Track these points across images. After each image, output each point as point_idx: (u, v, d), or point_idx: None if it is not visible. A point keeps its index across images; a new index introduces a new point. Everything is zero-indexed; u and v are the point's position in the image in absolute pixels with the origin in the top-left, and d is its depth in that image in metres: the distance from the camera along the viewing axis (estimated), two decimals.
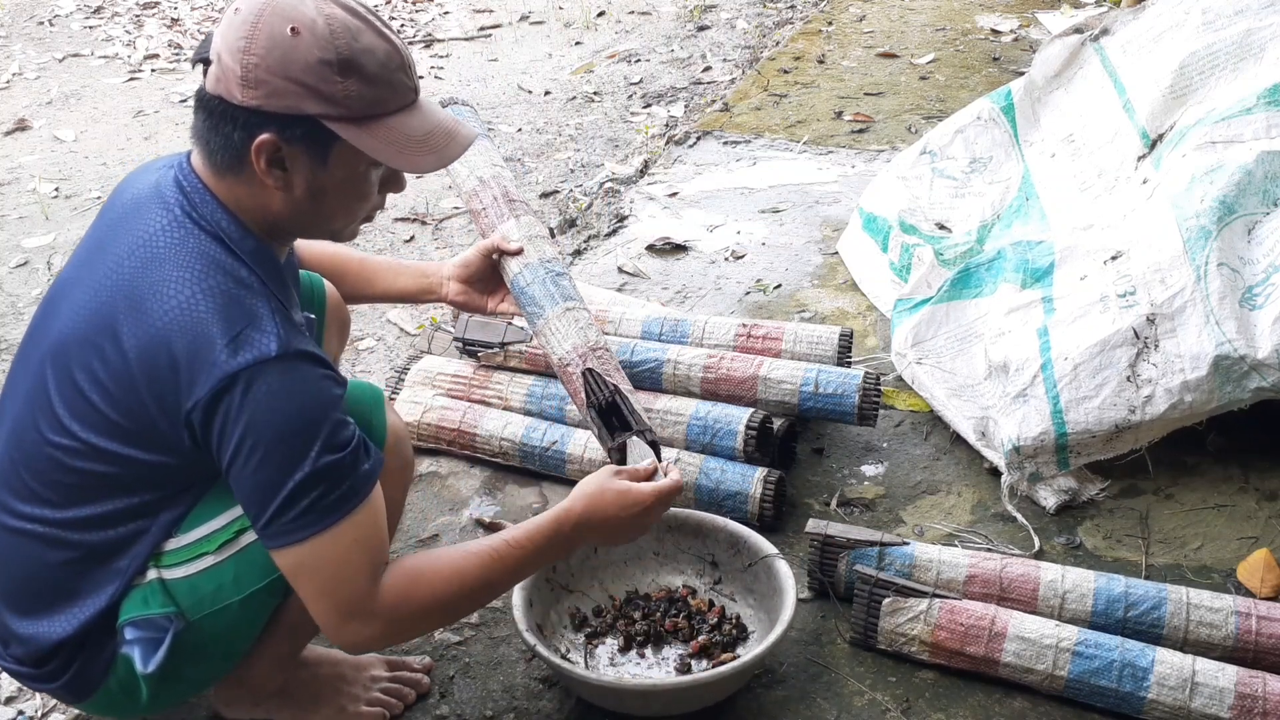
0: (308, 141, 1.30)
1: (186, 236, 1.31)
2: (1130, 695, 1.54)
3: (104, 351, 1.28)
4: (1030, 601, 1.66)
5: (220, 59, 1.28)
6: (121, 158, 3.99)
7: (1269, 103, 2.12)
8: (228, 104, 1.28)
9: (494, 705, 1.64)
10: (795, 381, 2.01)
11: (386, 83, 1.31)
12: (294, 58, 1.25)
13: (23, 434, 1.35)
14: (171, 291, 1.27)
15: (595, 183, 3.53)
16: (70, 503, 1.34)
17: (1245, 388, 1.87)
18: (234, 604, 1.38)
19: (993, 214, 2.54)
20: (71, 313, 1.33)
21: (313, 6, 1.28)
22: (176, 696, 1.49)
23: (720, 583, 1.78)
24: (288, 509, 1.26)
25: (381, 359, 2.63)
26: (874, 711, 1.60)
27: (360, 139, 1.30)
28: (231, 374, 1.24)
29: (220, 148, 1.31)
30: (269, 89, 1.26)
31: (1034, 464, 1.97)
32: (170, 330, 1.25)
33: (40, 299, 1.46)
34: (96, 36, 5.45)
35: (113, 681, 1.39)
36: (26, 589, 1.37)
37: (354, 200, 1.38)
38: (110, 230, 1.37)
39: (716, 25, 5.21)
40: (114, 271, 1.31)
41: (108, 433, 1.30)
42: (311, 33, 1.26)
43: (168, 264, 1.29)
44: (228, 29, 1.28)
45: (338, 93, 1.27)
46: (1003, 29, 4.64)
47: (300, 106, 1.27)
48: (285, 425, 1.25)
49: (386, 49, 1.31)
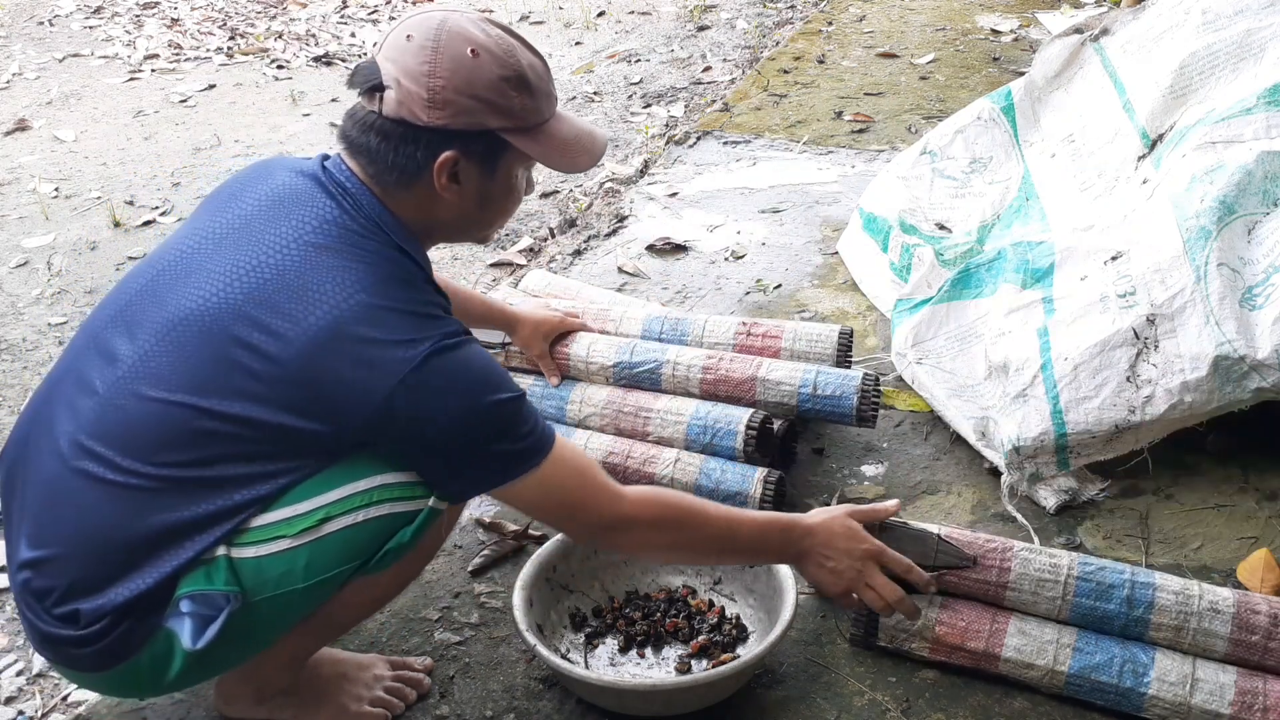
0: (483, 154, 1.42)
1: (355, 229, 1.39)
2: (1130, 691, 1.54)
3: (270, 326, 1.32)
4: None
5: (399, 84, 1.37)
6: (121, 158, 4.00)
7: (1269, 103, 2.12)
8: (410, 126, 1.38)
9: (494, 705, 1.64)
10: (794, 383, 2.01)
11: (544, 93, 1.45)
12: (477, 77, 1.37)
13: (140, 392, 1.34)
14: (349, 276, 1.34)
15: (595, 183, 3.53)
16: (188, 464, 1.33)
17: (1245, 388, 1.87)
18: (297, 590, 1.37)
19: (993, 214, 2.54)
20: (219, 287, 1.36)
21: (480, 29, 1.40)
22: (201, 676, 1.47)
23: (720, 583, 1.79)
24: (515, 442, 1.38)
25: None
26: (874, 711, 1.60)
27: (530, 146, 1.43)
28: (425, 354, 1.32)
29: (398, 166, 1.41)
30: (455, 108, 1.37)
31: (1034, 464, 1.97)
32: (352, 311, 1.32)
33: (130, 270, 1.49)
34: (96, 36, 5.46)
35: (145, 654, 1.36)
36: (100, 546, 1.34)
37: (510, 204, 1.52)
38: (259, 215, 1.41)
39: (716, 25, 5.21)
40: (277, 253, 1.36)
41: (260, 401, 1.32)
42: (489, 53, 1.38)
43: (340, 253, 1.36)
44: (404, 55, 1.37)
45: (514, 106, 1.40)
46: (1003, 29, 4.65)
47: (484, 122, 1.39)
48: (484, 386, 1.36)
49: (541, 63, 1.45)
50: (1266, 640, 1.52)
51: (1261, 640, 1.53)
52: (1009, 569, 1.61)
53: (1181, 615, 1.55)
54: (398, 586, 1.55)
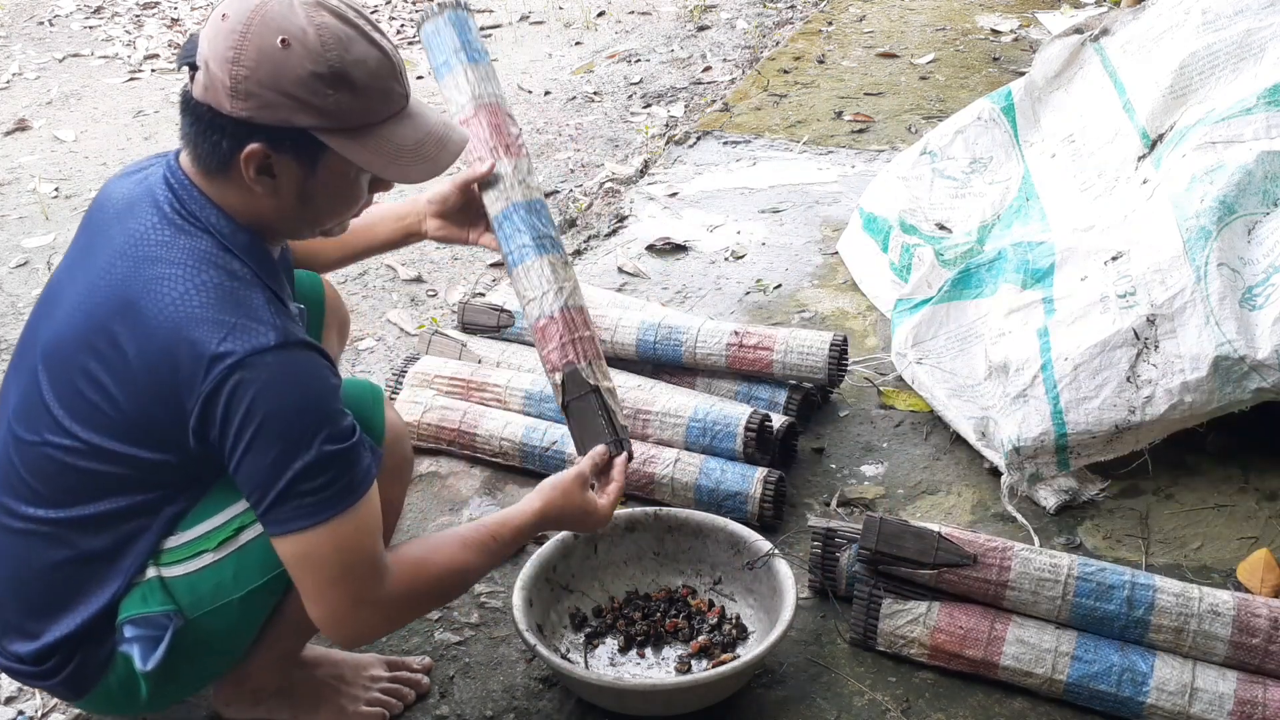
0: (297, 150, 1.30)
1: (178, 234, 1.31)
2: (1129, 700, 1.54)
3: (102, 353, 1.28)
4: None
5: (208, 67, 1.26)
6: (121, 158, 3.99)
7: (1269, 103, 2.12)
8: (216, 112, 1.27)
9: (494, 705, 1.64)
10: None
11: (378, 92, 1.31)
12: (284, 71, 1.24)
13: (21, 436, 1.35)
14: (166, 289, 1.27)
15: (595, 183, 3.53)
16: (72, 503, 1.34)
17: (1245, 388, 1.87)
18: (233, 602, 1.38)
19: (993, 214, 2.54)
20: (64, 315, 1.33)
21: (303, 15, 1.26)
22: (176, 695, 1.50)
23: (720, 583, 1.78)
24: (292, 495, 1.26)
25: (381, 359, 2.63)
26: (874, 711, 1.60)
27: (350, 150, 1.30)
28: (231, 365, 1.23)
29: (207, 153, 1.31)
30: (259, 101, 1.25)
31: (1034, 464, 1.96)
32: (167, 328, 1.25)
33: (36, 302, 1.47)
34: (96, 36, 5.45)
35: (112, 679, 1.39)
36: (29, 589, 1.37)
37: (343, 204, 1.39)
38: (100, 232, 1.37)
39: (716, 25, 5.21)
40: (106, 272, 1.31)
41: (110, 432, 1.30)
42: (302, 44, 1.25)
43: (160, 262, 1.29)
44: (215, 36, 1.26)
45: (329, 105, 1.27)
46: (1003, 29, 4.64)
47: (290, 119, 1.26)
48: (288, 411, 1.25)
49: (378, 57, 1.30)
50: (1267, 644, 1.52)
51: (1262, 644, 1.52)
52: (1009, 569, 1.60)
53: (1182, 617, 1.55)
54: None
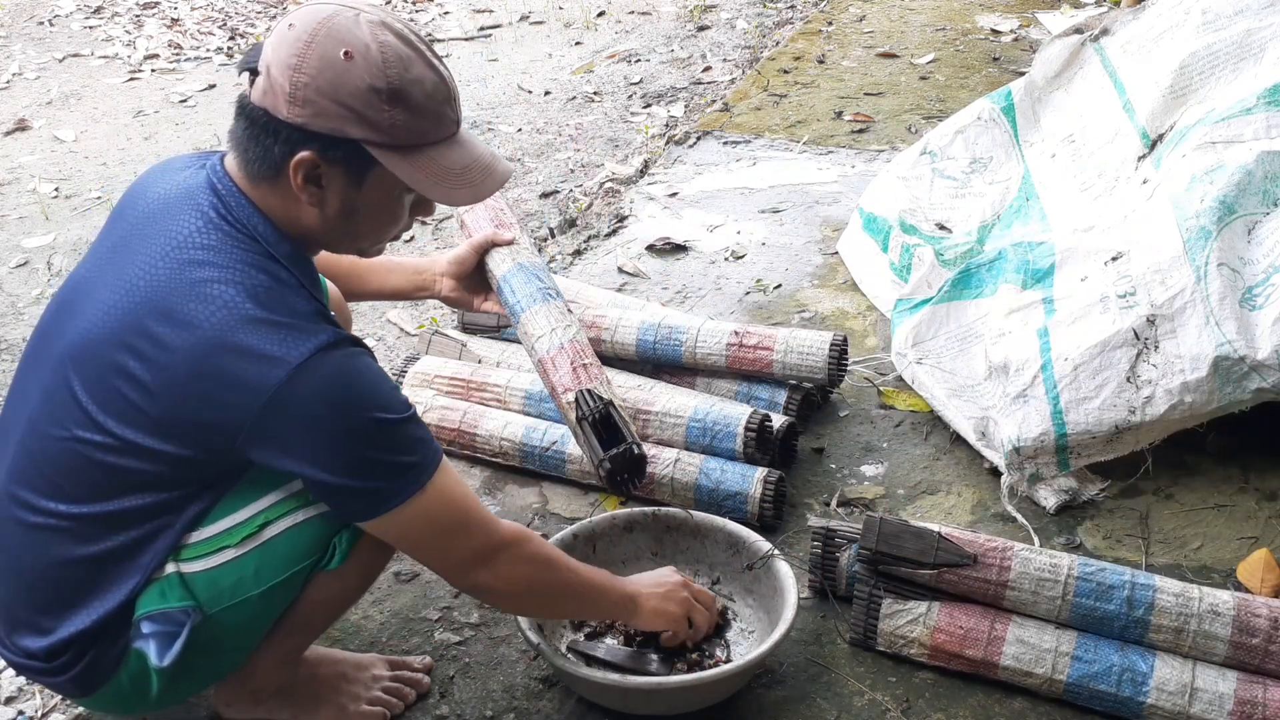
0: (347, 163, 1.32)
1: (224, 239, 1.33)
2: (1129, 700, 1.54)
3: (142, 352, 1.29)
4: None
5: (269, 72, 1.29)
6: (121, 158, 4.00)
7: (1269, 103, 2.12)
8: (272, 117, 1.30)
9: (494, 705, 1.64)
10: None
11: (432, 114, 1.34)
12: (344, 82, 1.27)
13: (44, 431, 1.35)
14: (215, 292, 1.28)
15: (595, 183, 3.53)
16: (96, 498, 1.34)
17: (1245, 388, 1.87)
18: (252, 598, 1.39)
19: (993, 214, 2.54)
20: (97, 314, 1.33)
21: (368, 32, 1.29)
22: (187, 691, 1.50)
23: (719, 583, 1.78)
24: (386, 474, 1.30)
25: (381, 359, 2.63)
26: (874, 711, 1.60)
27: (400, 167, 1.33)
28: (295, 367, 1.25)
29: (258, 158, 1.33)
30: (315, 109, 1.28)
31: (1034, 464, 1.97)
32: (218, 330, 1.27)
33: (50, 298, 1.47)
34: (96, 36, 5.45)
35: (123, 676, 1.39)
36: (43, 584, 1.37)
37: (385, 222, 1.42)
38: (136, 230, 1.37)
39: (716, 25, 5.21)
40: (146, 274, 1.31)
41: (146, 429, 1.30)
42: (364, 59, 1.28)
43: (207, 265, 1.30)
44: (280, 44, 1.29)
45: (384, 120, 1.29)
46: (1003, 29, 4.64)
47: (344, 130, 1.29)
48: (360, 404, 1.29)
49: (435, 81, 1.34)
50: (1267, 644, 1.52)
51: (1262, 644, 1.52)
52: (1009, 569, 1.61)
53: (1182, 617, 1.55)
54: (364, 579, 1.54)
